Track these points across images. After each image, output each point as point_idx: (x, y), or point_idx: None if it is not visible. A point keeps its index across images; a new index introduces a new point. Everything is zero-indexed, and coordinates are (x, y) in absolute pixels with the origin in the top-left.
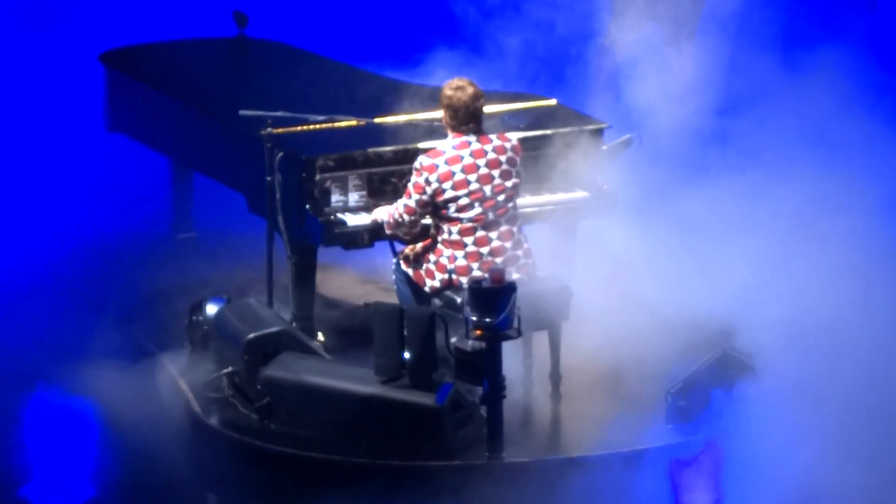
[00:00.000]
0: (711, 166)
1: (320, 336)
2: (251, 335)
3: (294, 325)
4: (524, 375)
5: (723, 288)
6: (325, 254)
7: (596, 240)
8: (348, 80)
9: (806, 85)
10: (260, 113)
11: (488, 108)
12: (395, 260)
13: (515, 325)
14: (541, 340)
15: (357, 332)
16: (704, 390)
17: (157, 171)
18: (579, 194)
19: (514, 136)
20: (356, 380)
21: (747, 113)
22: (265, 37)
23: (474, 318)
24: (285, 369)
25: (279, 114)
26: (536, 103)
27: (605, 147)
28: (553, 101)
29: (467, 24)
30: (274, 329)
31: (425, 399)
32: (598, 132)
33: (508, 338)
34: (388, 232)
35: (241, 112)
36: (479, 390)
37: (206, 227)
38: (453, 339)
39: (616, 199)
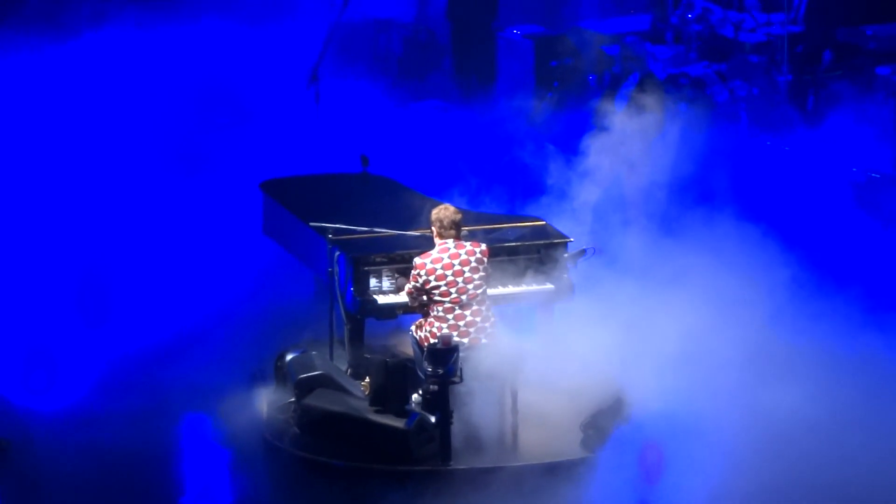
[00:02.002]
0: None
1: (367, 379)
2: (301, 376)
3: (348, 371)
4: (497, 410)
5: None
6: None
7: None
8: (414, 203)
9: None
10: (325, 224)
11: (495, 224)
12: (410, 328)
13: (459, 375)
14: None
15: None
16: (604, 423)
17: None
18: (547, 286)
19: (485, 244)
20: (358, 409)
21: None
22: (382, 172)
23: (430, 370)
24: (317, 400)
25: (337, 226)
26: (530, 223)
27: (566, 255)
28: (542, 222)
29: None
30: (316, 373)
31: (399, 423)
32: (564, 244)
33: (453, 383)
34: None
35: (311, 224)
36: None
37: None
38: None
39: (573, 290)
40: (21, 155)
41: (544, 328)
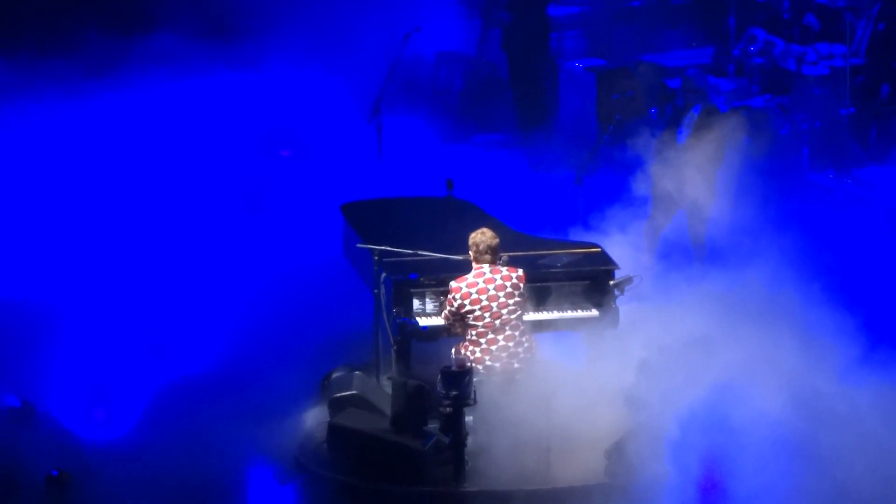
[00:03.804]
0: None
1: None
2: (335, 395)
3: None
4: (523, 435)
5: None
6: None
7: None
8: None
9: None
10: (372, 246)
11: (550, 249)
12: (451, 351)
13: (472, 397)
14: None
15: None
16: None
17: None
18: (593, 313)
19: (522, 269)
20: (379, 429)
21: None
22: (467, 196)
23: (443, 392)
24: (344, 419)
25: (383, 248)
26: (585, 249)
27: (612, 282)
28: (598, 248)
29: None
30: (349, 392)
31: (415, 444)
32: (611, 271)
33: (467, 405)
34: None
35: (358, 245)
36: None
37: None
38: None
39: (618, 318)
40: (87, 194)
41: (591, 354)
